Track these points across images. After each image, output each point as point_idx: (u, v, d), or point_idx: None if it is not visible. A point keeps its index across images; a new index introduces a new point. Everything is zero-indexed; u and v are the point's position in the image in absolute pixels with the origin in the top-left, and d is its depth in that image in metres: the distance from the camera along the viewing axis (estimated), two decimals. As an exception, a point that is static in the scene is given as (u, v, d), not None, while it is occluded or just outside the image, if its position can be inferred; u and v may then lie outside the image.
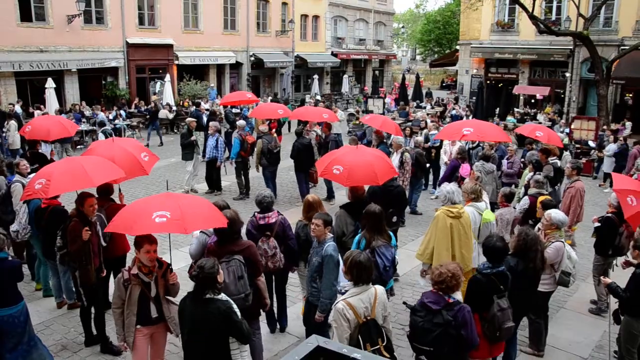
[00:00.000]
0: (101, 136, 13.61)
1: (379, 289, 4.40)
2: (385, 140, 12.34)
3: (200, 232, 5.75)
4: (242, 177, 12.64)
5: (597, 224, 7.40)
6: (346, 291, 4.36)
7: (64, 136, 11.52)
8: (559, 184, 10.13)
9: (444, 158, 12.68)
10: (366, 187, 7.62)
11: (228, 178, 13.43)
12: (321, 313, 5.32)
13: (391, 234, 5.91)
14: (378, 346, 4.21)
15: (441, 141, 12.97)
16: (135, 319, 4.80)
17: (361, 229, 5.93)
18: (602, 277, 5.94)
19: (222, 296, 4.25)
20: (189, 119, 13.77)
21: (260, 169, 12.15)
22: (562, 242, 6.04)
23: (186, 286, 4.95)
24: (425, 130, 14.34)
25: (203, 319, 4.15)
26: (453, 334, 4.24)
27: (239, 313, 4.25)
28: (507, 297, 5.01)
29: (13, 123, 15.15)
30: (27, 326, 5.47)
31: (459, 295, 4.39)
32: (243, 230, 5.67)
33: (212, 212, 5.11)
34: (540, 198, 7.42)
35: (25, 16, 19.89)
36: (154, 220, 4.57)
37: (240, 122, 13.37)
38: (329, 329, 5.37)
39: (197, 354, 4.29)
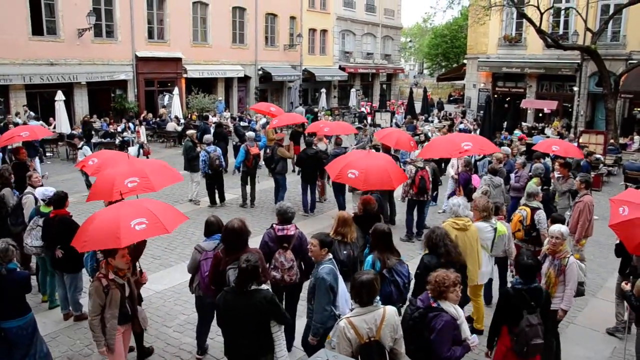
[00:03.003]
0: (87, 150, 13.39)
1: (389, 310, 4.27)
2: (391, 152, 12.38)
3: (195, 248, 5.91)
4: (248, 187, 12.79)
5: (618, 241, 7.24)
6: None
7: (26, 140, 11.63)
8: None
9: (451, 172, 12.65)
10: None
11: (234, 191, 13.49)
12: (312, 336, 5.19)
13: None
14: None
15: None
16: (116, 321, 5.07)
17: (370, 249, 5.80)
18: (623, 283, 5.83)
19: (264, 286, 4.59)
20: (190, 131, 13.86)
21: None
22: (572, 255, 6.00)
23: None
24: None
25: (250, 309, 4.41)
26: (426, 336, 4.35)
27: None
28: None
29: None
30: (34, 338, 5.46)
31: (447, 305, 4.37)
32: (256, 239, 5.66)
33: (174, 210, 5.66)
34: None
35: (36, 30, 20.17)
36: (134, 228, 4.88)
37: (249, 134, 13.54)
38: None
39: (243, 342, 4.53)
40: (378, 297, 4.38)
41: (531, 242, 7.76)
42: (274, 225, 6.09)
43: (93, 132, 18.48)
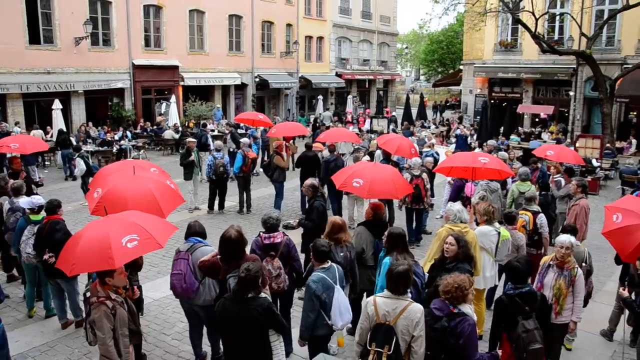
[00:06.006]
0: (79, 162, 13.25)
1: (414, 306, 4.39)
2: (391, 157, 12.44)
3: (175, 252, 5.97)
4: (244, 194, 12.86)
5: None
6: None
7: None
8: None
9: (448, 177, 12.66)
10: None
11: (232, 198, 13.49)
12: (299, 339, 5.33)
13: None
14: (382, 351, 4.28)
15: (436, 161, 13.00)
16: (128, 339, 4.87)
17: (387, 251, 5.85)
18: (620, 289, 5.82)
19: (262, 294, 4.58)
20: (189, 139, 13.96)
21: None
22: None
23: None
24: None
25: (247, 316, 4.43)
26: (452, 343, 4.31)
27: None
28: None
29: None
30: (2, 351, 5.32)
31: (466, 308, 4.40)
32: (247, 248, 5.67)
33: (163, 221, 5.36)
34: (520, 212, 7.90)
35: (33, 39, 20.18)
36: (126, 247, 4.57)
37: (244, 140, 13.61)
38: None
39: (241, 348, 4.55)
40: (409, 290, 4.58)
41: (533, 245, 7.82)
42: (261, 234, 6.12)
43: (69, 142, 18.03)
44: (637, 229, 5.63)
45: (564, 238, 5.83)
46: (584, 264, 6.37)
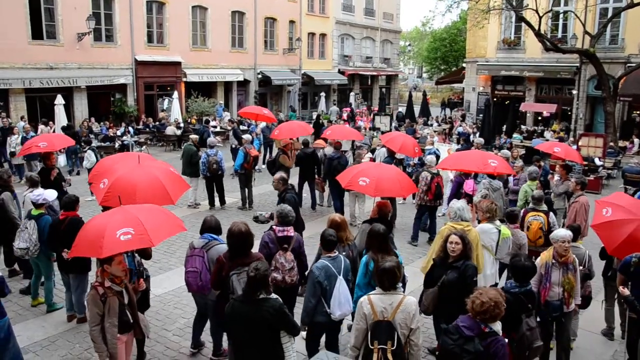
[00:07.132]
0: (90, 154, 13.41)
1: (408, 299, 4.43)
2: (395, 156, 12.46)
3: (189, 246, 5.99)
4: (245, 190, 12.89)
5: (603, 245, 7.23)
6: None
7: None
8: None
9: (450, 175, 12.66)
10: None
11: (234, 195, 13.49)
12: (301, 324, 5.38)
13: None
14: (386, 347, 4.27)
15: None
16: (116, 329, 4.92)
17: (366, 249, 5.88)
18: (621, 287, 5.83)
19: (273, 295, 4.49)
20: (193, 135, 14.00)
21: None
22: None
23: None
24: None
25: (257, 317, 4.34)
26: None
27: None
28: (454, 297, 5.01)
29: (17, 137, 15.38)
30: (8, 344, 5.30)
31: (496, 325, 4.13)
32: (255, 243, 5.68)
33: (171, 219, 5.31)
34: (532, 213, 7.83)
35: (36, 34, 20.20)
36: (119, 238, 4.66)
37: (246, 137, 13.62)
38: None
39: (251, 349, 4.47)
40: (401, 284, 4.60)
41: (546, 244, 7.83)
42: (274, 227, 6.14)
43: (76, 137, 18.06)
44: (625, 223, 5.77)
45: (564, 232, 5.96)
46: (581, 268, 6.39)
